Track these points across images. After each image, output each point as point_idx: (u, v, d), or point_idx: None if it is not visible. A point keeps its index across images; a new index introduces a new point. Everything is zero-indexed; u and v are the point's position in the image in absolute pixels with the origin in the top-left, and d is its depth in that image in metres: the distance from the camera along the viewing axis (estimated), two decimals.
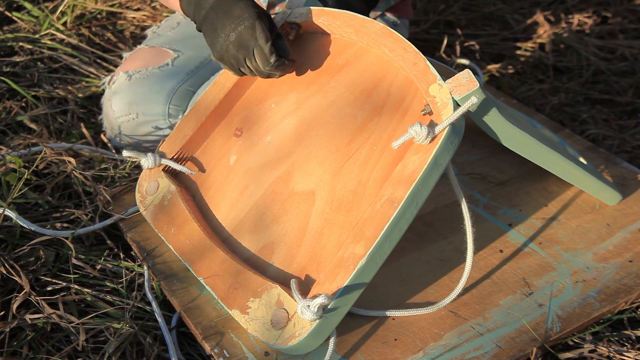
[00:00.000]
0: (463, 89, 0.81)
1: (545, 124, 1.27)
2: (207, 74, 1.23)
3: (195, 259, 0.89)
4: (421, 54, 0.85)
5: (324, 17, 0.94)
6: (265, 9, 0.93)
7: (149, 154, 1.00)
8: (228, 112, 1.01)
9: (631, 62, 1.62)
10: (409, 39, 1.15)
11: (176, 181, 0.99)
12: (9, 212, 1.01)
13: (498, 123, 0.87)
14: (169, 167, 1.00)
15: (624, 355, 0.88)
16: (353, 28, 0.91)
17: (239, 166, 0.96)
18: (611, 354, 0.89)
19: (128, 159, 1.15)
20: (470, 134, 1.20)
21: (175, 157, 1.00)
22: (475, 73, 1.50)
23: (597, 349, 0.89)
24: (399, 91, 0.88)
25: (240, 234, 0.91)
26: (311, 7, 0.96)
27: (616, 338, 0.92)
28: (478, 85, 0.80)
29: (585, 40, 1.69)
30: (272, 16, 0.98)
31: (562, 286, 0.94)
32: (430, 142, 0.80)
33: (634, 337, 0.92)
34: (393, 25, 1.30)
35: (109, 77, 1.24)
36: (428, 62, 0.84)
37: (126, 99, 1.18)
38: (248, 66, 0.89)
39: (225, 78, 1.00)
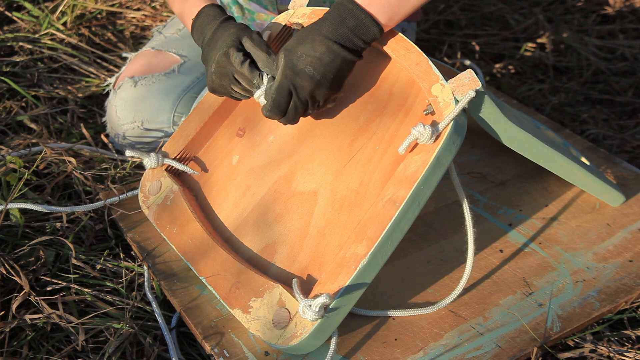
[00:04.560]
0: (465, 88, 0.81)
1: (545, 124, 1.27)
2: None
3: (197, 259, 0.89)
4: (424, 54, 0.85)
5: None
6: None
7: (152, 154, 1.00)
8: (231, 112, 1.01)
9: (631, 62, 1.62)
10: (415, 41, 1.15)
11: (179, 181, 0.99)
12: (12, 205, 1.01)
13: (501, 124, 0.87)
14: (172, 167, 1.00)
15: (624, 355, 0.89)
16: None
17: (241, 166, 0.96)
18: (611, 354, 0.89)
19: (130, 158, 1.15)
20: (470, 134, 1.20)
21: (178, 157, 1.00)
22: (475, 73, 1.50)
23: (597, 349, 0.89)
24: (401, 91, 0.88)
25: (242, 233, 0.91)
26: (314, 7, 0.96)
27: (616, 338, 0.92)
28: (480, 85, 0.80)
29: (585, 40, 1.69)
30: (273, 20, 0.98)
31: (562, 286, 0.94)
32: (434, 141, 0.81)
33: (634, 337, 0.92)
34: (402, 31, 1.30)
35: (114, 79, 1.24)
36: (430, 62, 0.84)
37: (131, 107, 1.17)
38: (237, 91, 0.90)
39: None
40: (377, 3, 0.84)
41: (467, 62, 1.55)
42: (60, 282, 0.94)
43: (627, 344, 0.91)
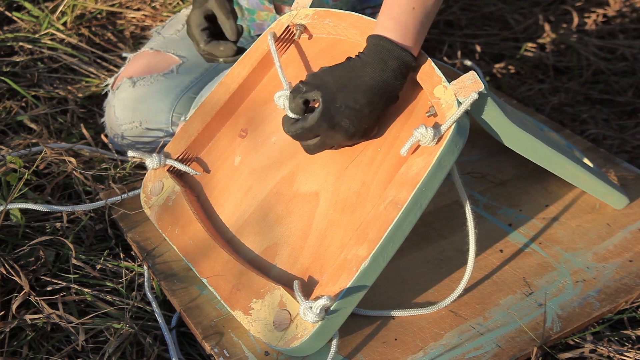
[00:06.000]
0: (468, 90, 0.81)
1: (545, 124, 1.27)
2: (211, 81, 1.23)
3: (198, 260, 0.89)
4: (426, 55, 0.85)
5: (329, 19, 0.94)
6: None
7: (154, 155, 0.99)
8: (233, 113, 1.01)
9: (631, 62, 1.62)
10: None
11: (181, 182, 0.99)
12: (13, 205, 1.00)
13: (504, 126, 0.87)
14: (174, 167, 1.00)
15: (624, 355, 0.89)
16: (359, 29, 0.91)
17: (243, 167, 0.96)
18: (611, 354, 0.89)
19: (132, 159, 1.15)
20: (471, 134, 1.19)
21: (180, 157, 1.00)
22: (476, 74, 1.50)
23: (597, 349, 0.89)
24: (403, 92, 0.88)
25: (244, 234, 0.91)
26: (317, 9, 0.96)
27: (616, 338, 0.92)
28: (483, 86, 0.80)
29: (585, 40, 1.69)
30: (276, 21, 0.98)
31: (562, 286, 0.94)
32: (436, 143, 0.81)
33: (634, 337, 0.93)
34: None
35: (112, 80, 1.24)
36: (433, 64, 0.84)
37: (130, 107, 1.17)
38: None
39: (230, 79, 1.00)
40: (410, 35, 0.83)
41: (468, 63, 1.55)
42: (60, 282, 0.94)
43: (627, 344, 0.92)
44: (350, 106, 0.81)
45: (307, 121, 0.83)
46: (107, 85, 1.33)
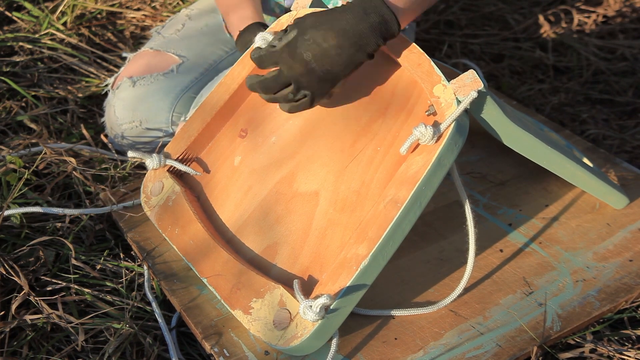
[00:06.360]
0: (467, 89, 0.81)
1: (545, 124, 1.27)
2: (211, 81, 1.22)
3: (198, 259, 0.89)
4: (425, 54, 0.85)
5: None
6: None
7: (154, 155, 0.99)
8: (233, 113, 1.01)
9: (631, 62, 1.62)
10: (415, 40, 1.15)
11: (181, 182, 0.99)
12: (14, 211, 1.01)
13: (503, 125, 0.87)
14: (174, 167, 1.00)
15: (624, 355, 0.89)
16: None
17: (243, 167, 0.96)
18: (611, 354, 0.89)
19: (132, 159, 1.15)
20: (470, 134, 1.19)
21: (180, 157, 1.00)
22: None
23: (598, 349, 0.89)
24: (403, 92, 0.88)
25: (244, 234, 0.91)
26: (317, 9, 0.96)
27: (616, 337, 0.92)
28: (482, 85, 0.80)
29: (585, 40, 1.69)
30: (276, 21, 0.99)
31: (562, 285, 0.94)
32: (436, 142, 0.81)
33: (634, 337, 0.93)
34: (402, 30, 1.30)
35: (112, 79, 1.24)
36: (432, 63, 0.84)
37: (130, 106, 1.17)
38: None
39: (230, 79, 1.00)
40: (401, 1, 0.84)
41: (469, 63, 1.55)
42: (60, 282, 0.94)
43: (627, 343, 0.92)
44: (318, 42, 0.82)
45: (273, 48, 0.85)
46: (107, 85, 1.33)
